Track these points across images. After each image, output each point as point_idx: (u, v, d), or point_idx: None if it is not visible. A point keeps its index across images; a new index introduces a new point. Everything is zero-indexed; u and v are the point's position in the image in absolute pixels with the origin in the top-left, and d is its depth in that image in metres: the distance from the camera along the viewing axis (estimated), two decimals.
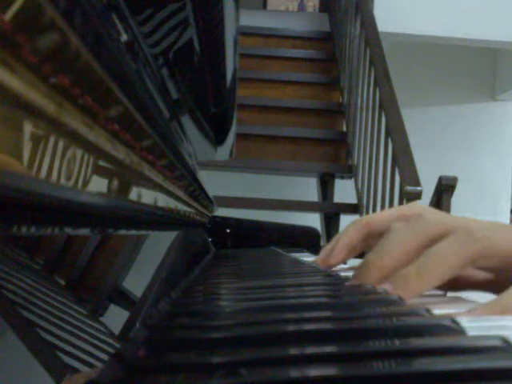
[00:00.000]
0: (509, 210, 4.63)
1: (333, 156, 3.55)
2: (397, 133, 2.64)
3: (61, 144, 0.19)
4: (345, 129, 3.58)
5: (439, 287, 0.39)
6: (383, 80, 2.88)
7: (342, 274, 0.47)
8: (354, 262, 0.48)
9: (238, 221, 1.08)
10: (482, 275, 0.43)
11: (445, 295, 0.41)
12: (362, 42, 3.27)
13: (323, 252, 0.52)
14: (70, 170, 0.20)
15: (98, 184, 0.24)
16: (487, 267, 0.39)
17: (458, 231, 0.37)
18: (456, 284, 0.42)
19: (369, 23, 3.23)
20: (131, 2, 0.35)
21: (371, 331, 0.23)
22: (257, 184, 3.83)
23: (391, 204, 2.66)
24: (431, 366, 0.18)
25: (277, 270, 0.60)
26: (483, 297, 0.37)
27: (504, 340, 0.20)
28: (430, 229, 0.39)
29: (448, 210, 2.56)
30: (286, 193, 3.74)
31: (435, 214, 0.41)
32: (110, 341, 0.29)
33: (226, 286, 0.45)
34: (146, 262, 0.46)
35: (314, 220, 3.37)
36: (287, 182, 3.97)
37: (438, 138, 4.52)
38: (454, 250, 0.37)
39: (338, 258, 0.49)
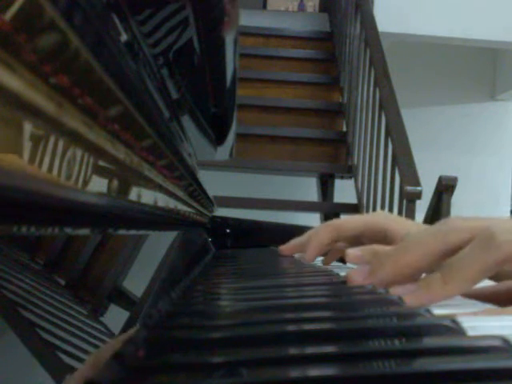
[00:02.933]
0: (509, 210, 4.63)
1: (333, 156, 3.54)
2: (397, 133, 2.64)
3: (61, 144, 0.19)
4: (345, 129, 3.58)
5: (476, 298, 0.39)
6: (383, 80, 2.88)
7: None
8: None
9: (238, 221, 1.08)
10: None
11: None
12: (362, 42, 3.27)
13: (292, 243, 0.64)
14: (70, 170, 0.20)
15: (98, 184, 0.24)
16: None
17: (479, 236, 0.36)
18: (496, 298, 0.41)
19: (369, 23, 3.23)
20: (131, 2, 0.35)
21: (371, 331, 0.23)
22: (257, 184, 3.83)
23: (391, 204, 2.66)
24: (431, 366, 0.18)
25: (277, 270, 0.60)
26: None
27: (504, 340, 0.20)
28: (452, 235, 0.38)
29: (448, 209, 2.56)
30: (286, 193, 3.74)
31: (460, 220, 0.40)
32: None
33: (225, 285, 0.45)
34: (146, 262, 0.46)
35: (314, 220, 3.37)
36: (287, 182, 3.97)
37: (437, 138, 4.52)
38: (475, 258, 0.36)
39: (310, 258, 0.60)
